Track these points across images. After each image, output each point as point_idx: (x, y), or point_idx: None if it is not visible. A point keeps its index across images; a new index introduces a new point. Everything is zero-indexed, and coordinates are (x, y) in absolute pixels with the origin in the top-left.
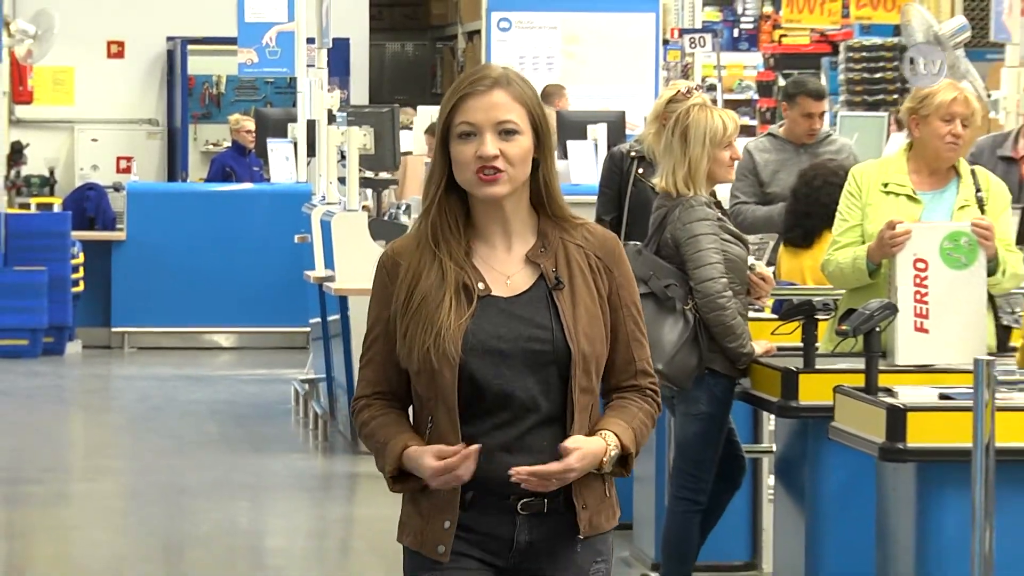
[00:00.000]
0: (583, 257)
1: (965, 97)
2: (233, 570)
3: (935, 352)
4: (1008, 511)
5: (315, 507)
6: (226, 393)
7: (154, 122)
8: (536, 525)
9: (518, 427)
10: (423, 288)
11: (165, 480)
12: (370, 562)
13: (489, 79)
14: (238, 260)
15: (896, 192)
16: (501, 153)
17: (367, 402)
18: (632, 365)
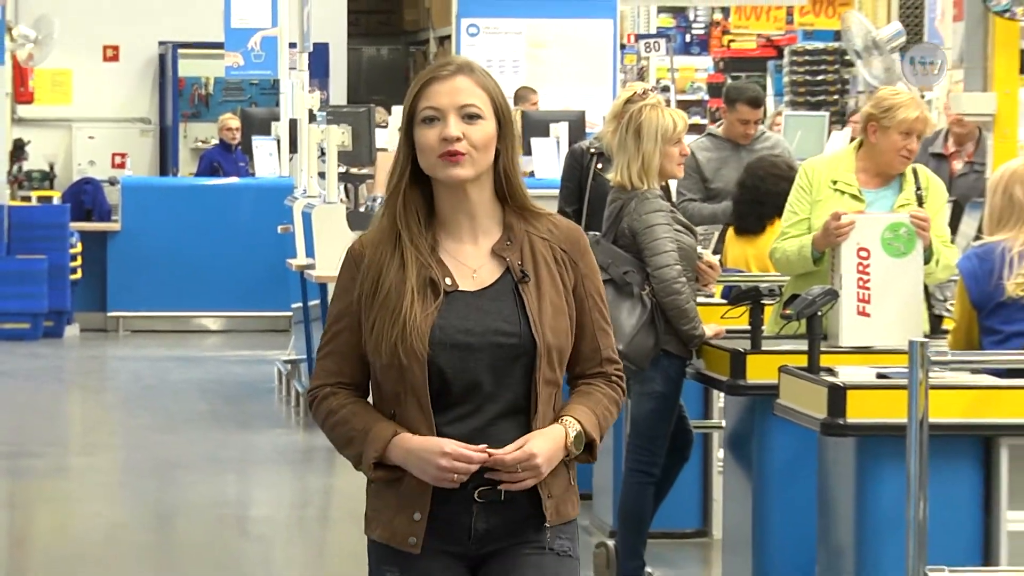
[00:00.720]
0: (548, 249)
1: (925, 116)
2: (221, 538)
3: (875, 334)
4: (940, 481)
5: (297, 479)
6: (214, 373)
7: (147, 121)
8: (493, 513)
9: (481, 418)
10: (387, 281)
11: (157, 454)
12: (348, 529)
13: (453, 65)
14: (225, 249)
15: (843, 190)
16: (464, 136)
17: (331, 390)
18: (598, 353)
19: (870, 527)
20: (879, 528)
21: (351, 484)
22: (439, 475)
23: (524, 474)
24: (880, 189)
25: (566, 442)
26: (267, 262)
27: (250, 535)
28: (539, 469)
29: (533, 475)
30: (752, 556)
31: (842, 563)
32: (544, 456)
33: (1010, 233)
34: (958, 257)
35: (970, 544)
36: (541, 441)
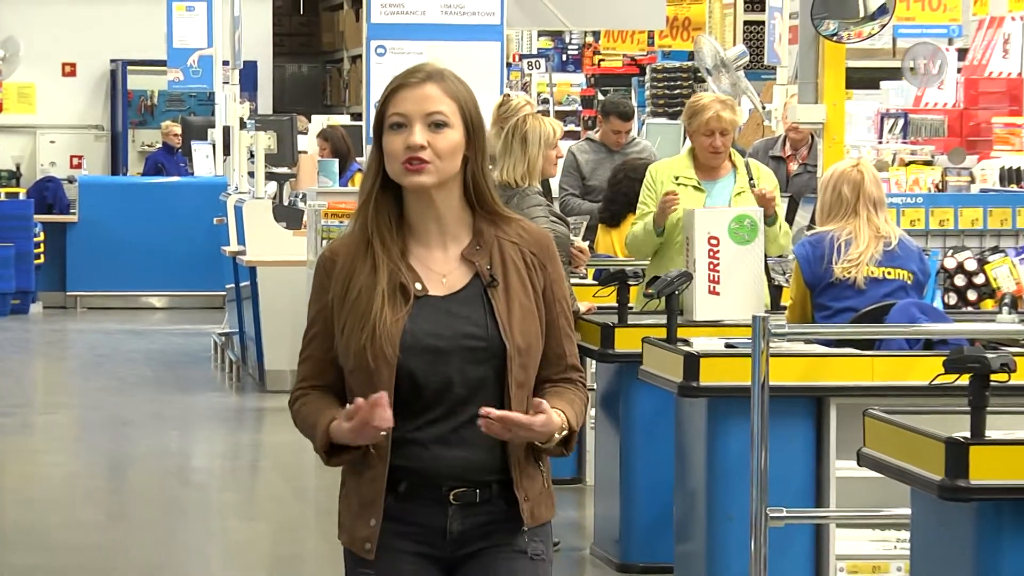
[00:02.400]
0: (518, 253)
1: (719, 114)
2: (165, 485)
3: (724, 310)
4: (778, 435)
5: (229, 434)
6: (159, 344)
7: (100, 127)
8: (469, 515)
9: (453, 421)
10: (357, 284)
11: (110, 413)
12: (274, 478)
13: (423, 72)
14: (168, 237)
15: (685, 184)
16: (429, 144)
17: (303, 392)
18: (563, 360)
19: (720, 475)
20: (727, 476)
21: (276, 439)
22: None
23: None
24: (718, 181)
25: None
26: (204, 249)
27: (190, 482)
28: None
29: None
30: (619, 500)
31: (696, 506)
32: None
33: (838, 224)
34: (791, 238)
35: (804, 489)
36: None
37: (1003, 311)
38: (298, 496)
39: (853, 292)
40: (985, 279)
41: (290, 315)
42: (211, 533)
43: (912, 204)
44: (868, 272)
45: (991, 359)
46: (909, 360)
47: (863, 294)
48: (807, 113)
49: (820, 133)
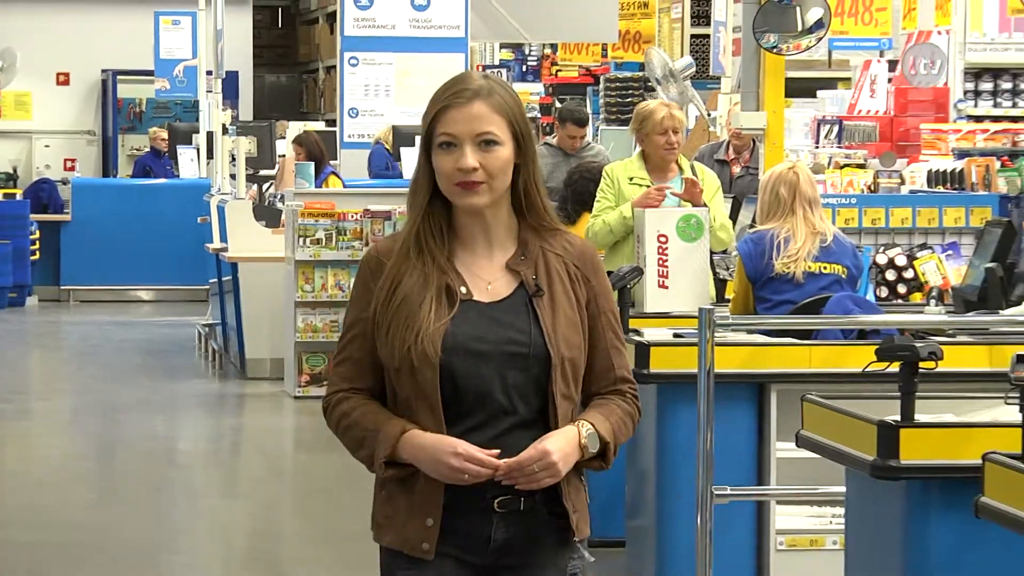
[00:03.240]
0: (562, 265)
1: (671, 113)
2: (152, 465)
3: (672, 303)
4: (723, 419)
5: (212, 419)
6: (147, 334)
7: (92, 133)
8: (513, 523)
9: (494, 429)
10: (405, 288)
11: (102, 399)
12: (254, 459)
13: (469, 91)
14: (155, 235)
15: (639, 184)
16: (481, 165)
17: (345, 395)
18: (612, 372)
19: (668, 455)
20: (675, 456)
21: (256, 423)
22: (450, 474)
23: (541, 474)
24: (668, 180)
25: (579, 440)
26: (189, 246)
27: (176, 463)
28: (556, 467)
29: (550, 474)
30: None
31: (646, 485)
32: (559, 453)
33: (777, 223)
34: (733, 236)
35: (747, 469)
36: (555, 439)
37: (930, 303)
38: (277, 476)
39: (792, 286)
40: (914, 274)
41: (269, 307)
42: (196, 510)
43: (846, 204)
44: (806, 267)
45: (919, 348)
46: (844, 349)
47: (801, 287)
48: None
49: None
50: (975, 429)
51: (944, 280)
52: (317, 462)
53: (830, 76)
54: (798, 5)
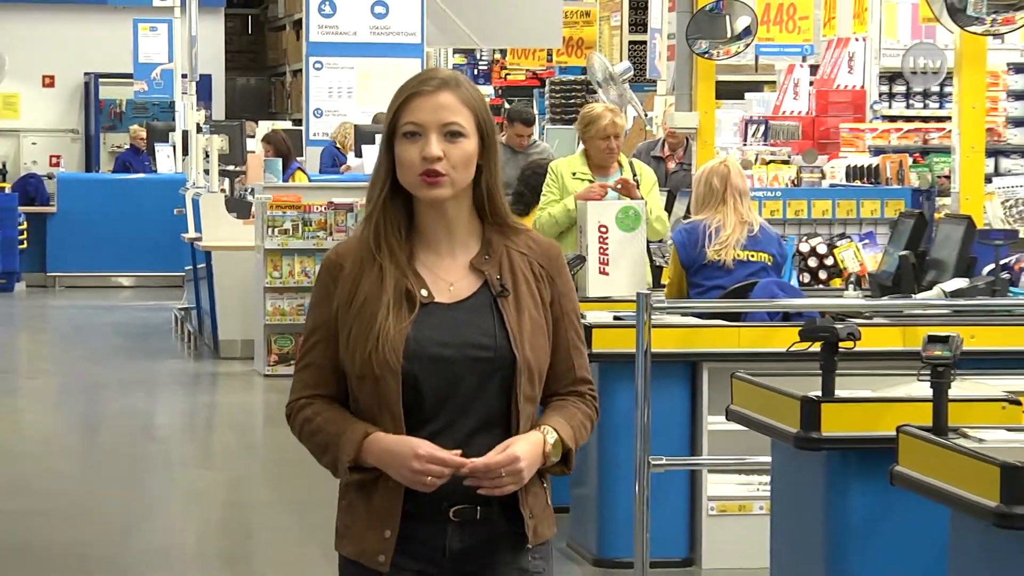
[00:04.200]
0: (527, 265)
1: (614, 120)
2: (132, 440)
3: (612, 288)
4: (659, 395)
5: (188, 396)
6: (126, 317)
7: (76, 131)
8: (469, 532)
9: (455, 434)
10: (364, 291)
11: (85, 378)
12: (227, 434)
13: (437, 80)
14: (135, 226)
15: (582, 179)
16: (444, 155)
17: (307, 401)
18: (572, 372)
19: (609, 429)
20: (616, 430)
21: (229, 400)
22: (412, 477)
23: (506, 479)
24: (608, 177)
25: (544, 448)
26: (166, 235)
27: (154, 437)
28: (521, 474)
29: (515, 480)
30: None
31: (589, 456)
32: (527, 460)
33: (709, 214)
34: (668, 226)
35: (681, 440)
36: (523, 445)
37: (849, 288)
38: (248, 450)
39: (722, 272)
40: (834, 261)
41: (240, 292)
42: (172, 482)
43: (772, 197)
44: (735, 255)
45: (839, 329)
46: (770, 330)
47: (731, 274)
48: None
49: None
50: (890, 404)
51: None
52: (285, 436)
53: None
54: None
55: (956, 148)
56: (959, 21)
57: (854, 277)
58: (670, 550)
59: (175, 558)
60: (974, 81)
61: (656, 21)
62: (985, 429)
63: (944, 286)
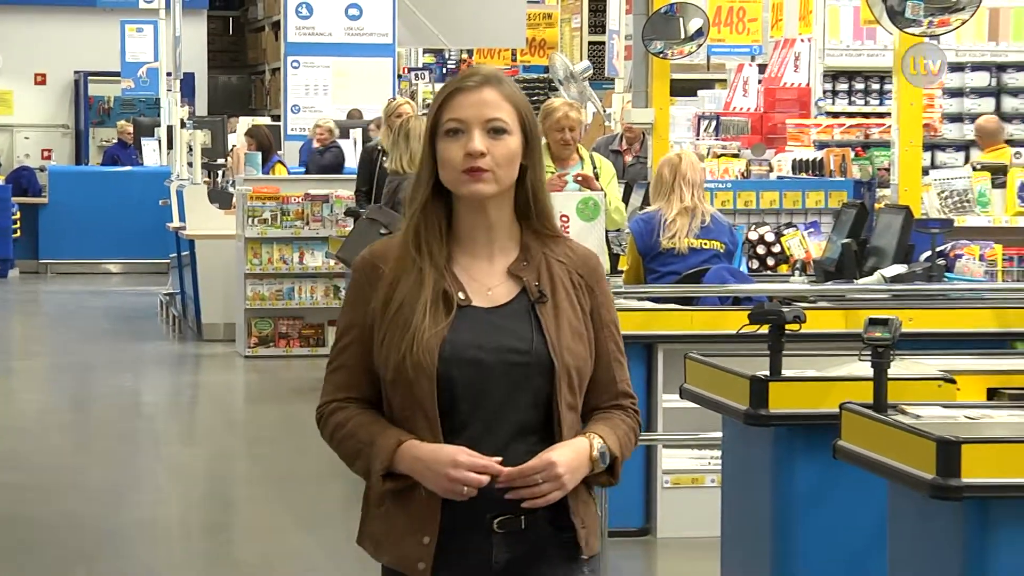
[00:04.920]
0: (565, 273)
1: (568, 113)
2: (121, 416)
3: None
4: None
5: (173, 376)
6: (115, 302)
7: (66, 126)
8: (514, 543)
9: (494, 441)
10: (401, 293)
11: (76, 359)
12: (209, 411)
13: (479, 76)
14: (122, 216)
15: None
16: (488, 152)
17: (339, 405)
18: (614, 385)
19: None
20: None
21: (211, 380)
22: (449, 486)
23: (546, 486)
24: (569, 169)
25: (591, 454)
26: (152, 225)
27: (141, 414)
28: (561, 479)
29: (556, 487)
30: None
31: None
32: (566, 465)
33: (663, 203)
34: (626, 216)
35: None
36: (562, 451)
37: (795, 274)
38: (230, 427)
39: (677, 259)
40: (781, 249)
41: (222, 278)
42: (158, 456)
43: (723, 188)
44: (688, 243)
45: (786, 312)
46: (721, 313)
47: (684, 260)
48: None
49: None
50: (833, 383)
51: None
52: (265, 413)
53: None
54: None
55: (895, 143)
56: (898, 23)
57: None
58: (627, 520)
59: (160, 528)
60: None
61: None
62: (922, 406)
63: (884, 272)
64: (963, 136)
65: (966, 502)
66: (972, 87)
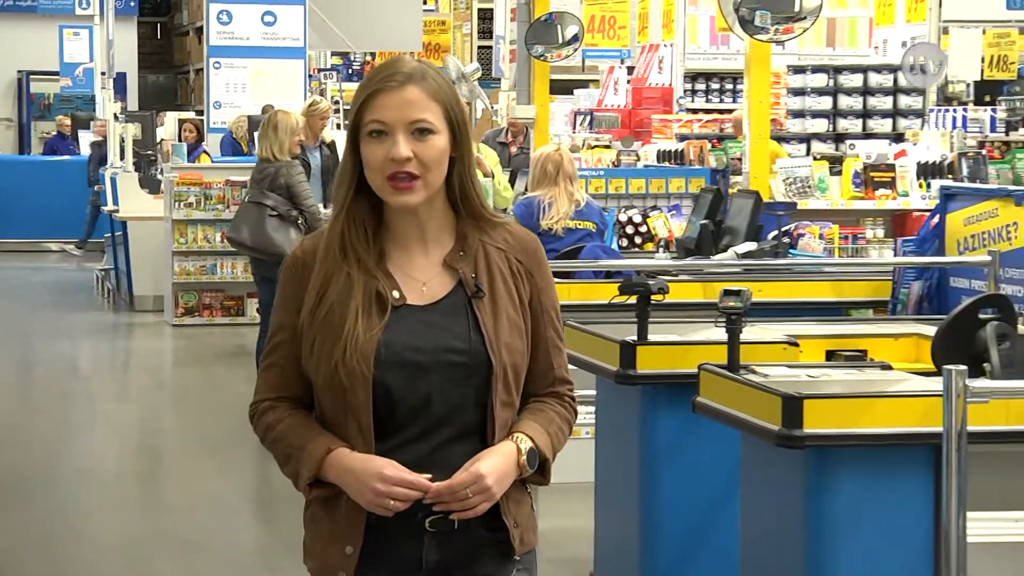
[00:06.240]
0: (504, 260)
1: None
2: (60, 378)
3: None
4: None
5: (107, 342)
6: (55, 277)
7: (10, 120)
8: (446, 543)
9: (430, 442)
10: (331, 296)
11: (20, 327)
12: (141, 373)
13: (401, 74)
14: (61, 200)
15: None
16: (415, 155)
17: (271, 404)
18: (551, 372)
19: None
20: None
21: (141, 345)
22: (374, 500)
23: (476, 499)
24: None
25: (518, 459)
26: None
27: (79, 376)
28: (490, 491)
29: (485, 498)
30: None
31: None
32: (494, 475)
33: (543, 191)
34: (512, 198)
35: None
36: (490, 459)
37: (659, 251)
38: (159, 386)
39: (555, 239)
40: (647, 228)
41: (152, 255)
42: (95, 413)
43: (596, 176)
44: (565, 224)
45: (651, 284)
46: (594, 286)
47: (562, 240)
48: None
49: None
50: (692, 346)
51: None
52: (190, 375)
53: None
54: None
55: (746, 135)
56: (748, 31)
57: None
58: None
59: (96, 477)
60: (761, 80)
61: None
62: (770, 366)
63: (737, 249)
64: (805, 130)
65: (808, 450)
66: (812, 87)
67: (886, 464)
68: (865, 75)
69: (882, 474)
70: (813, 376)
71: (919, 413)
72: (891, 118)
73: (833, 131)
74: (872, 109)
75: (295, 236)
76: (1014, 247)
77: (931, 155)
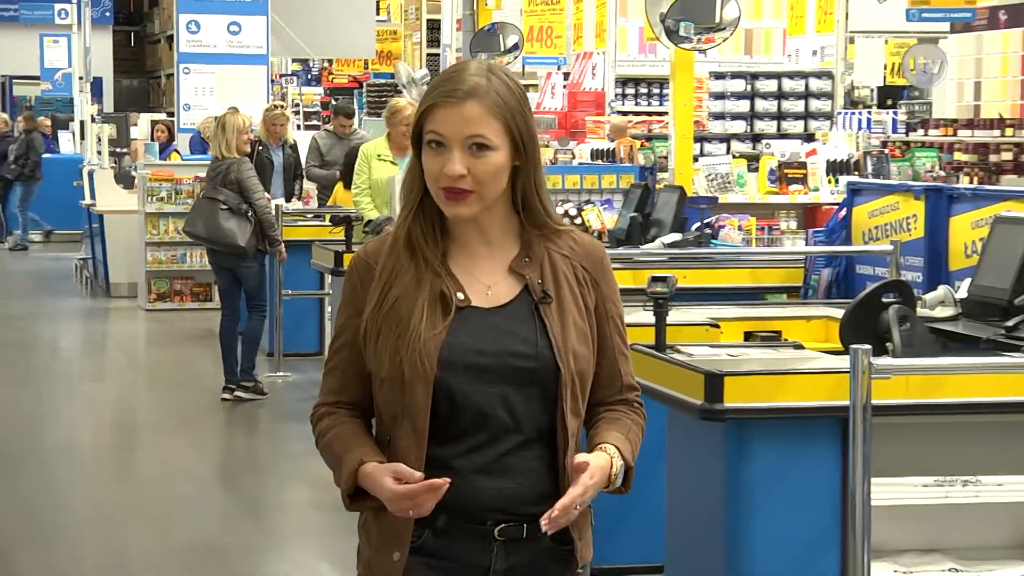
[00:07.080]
0: (569, 268)
1: (411, 113)
2: (40, 357)
3: None
4: None
5: (85, 325)
6: (36, 266)
7: None
8: (514, 551)
9: (496, 448)
10: (397, 291)
11: (2, 311)
12: (117, 354)
13: (462, 90)
14: (44, 195)
15: (385, 159)
16: (470, 172)
17: (328, 410)
18: (618, 380)
19: None
20: None
21: (119, 328)
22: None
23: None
24: (406, 157)
25: (611, 471)
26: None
27: (58, 357)
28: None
29: (581, 508)
30: None
31: None
32: (594, 488)
33: None
34: None
35: None
36: (598, 476)
37: None
38: (133, 367)
39: None
40: (582, 221)
41: (126, 246)
42: (73, 391)
43: None
44: None
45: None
46: None
47: None
48: None
49: None
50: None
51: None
52: (163, 356)
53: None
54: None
55: (672, 135)
56: (674, 40)
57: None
58: None
59: (75, 450)
60: (685, 85)
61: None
62: (693, 346)
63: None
64: (725, 131)
65: (728, 422)
66: (731, 91)
67: (799, 435)
68: (779, 81)
69: (795, 444)
70: (733, 355)
71: (828, 388)
72: (803, 120)
73: (751, 132)
74: (786, 112)
75: (245, 228)
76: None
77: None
